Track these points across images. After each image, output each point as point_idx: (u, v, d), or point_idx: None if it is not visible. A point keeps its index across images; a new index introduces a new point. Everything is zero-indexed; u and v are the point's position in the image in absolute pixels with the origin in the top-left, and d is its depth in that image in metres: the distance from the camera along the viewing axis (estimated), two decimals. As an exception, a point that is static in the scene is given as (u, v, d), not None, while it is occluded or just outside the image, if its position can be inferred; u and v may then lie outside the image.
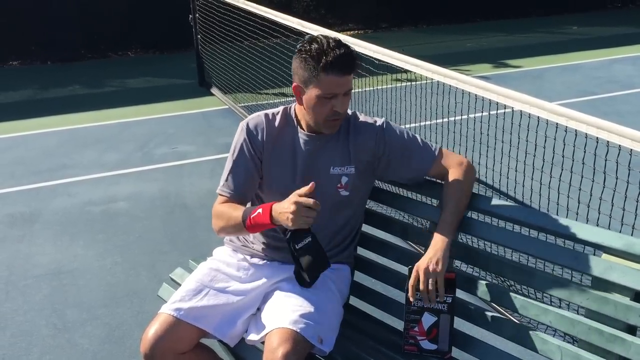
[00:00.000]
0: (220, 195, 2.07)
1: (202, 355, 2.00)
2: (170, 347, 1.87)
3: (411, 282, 1.86)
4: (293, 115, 2.09)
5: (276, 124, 2.08)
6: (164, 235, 3.98)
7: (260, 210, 1.86)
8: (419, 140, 2.08)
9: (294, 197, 1.78)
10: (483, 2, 13.07)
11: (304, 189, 1.78)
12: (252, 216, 1.87)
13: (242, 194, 2.05)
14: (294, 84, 1.98)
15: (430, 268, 1.83)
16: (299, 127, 2.07)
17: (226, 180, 2.06)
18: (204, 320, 1.92)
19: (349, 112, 2.11)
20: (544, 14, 13.46)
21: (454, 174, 2.02)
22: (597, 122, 2.40)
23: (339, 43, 1.90)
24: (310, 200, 1.75)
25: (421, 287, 1.83)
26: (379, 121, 2.08)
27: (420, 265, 1.85)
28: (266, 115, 2.09)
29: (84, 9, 10.16)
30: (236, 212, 1.95)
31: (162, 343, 1.85)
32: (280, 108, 2.12)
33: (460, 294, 2.03)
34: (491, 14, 13.05)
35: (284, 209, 1.78)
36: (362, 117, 2.11)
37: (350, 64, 1.90)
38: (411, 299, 1.88)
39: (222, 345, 2.04)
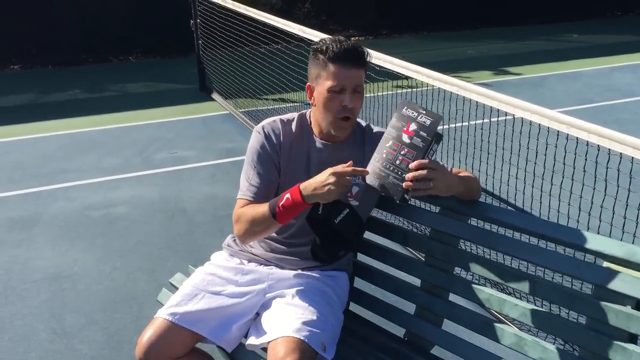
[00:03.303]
0: (242, 199, 2.03)
1: (197, 360, 1.99)
2: (165, 351, 1.87)
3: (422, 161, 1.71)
4: (308, 122, 2.09)
5: (292, 129, 2.08)
6: (164, 240, 3.98)
7: (287, 195, 1.84)
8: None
9: (329, 170, 1.77)
10: (484, 10, 13.11)
11: (340, 167, 1.77)
12: (281, 204, 1.85)
13: (265, 197, 2.01)
14: (307, 84, 2.03)
15: (435, 177, 1.71)
16: (314, 135, 2.07)
17: (248, 184, 2.03)
18: (199, 325, 1.92)
19: (363, 122, 2.12)
20: (544, 22, 13.49)
21: (466, 174, 2.06)
22: (599, 129, 2.41)
23: (347, 40, 1.97)
24: (349, 169, 1.75)
25: (421, 170, 1.70)
26: None
27: (439, 168, 1.76)
28: (281, 120, 2.09)
29: (85, 13, 10.18)
30: (260, 208, 1.93)
31: (156, 348, 1.85)
32: (295, 114, 2.12)
33: (460, 300, 2.03)
34: (492, 21, 13.08)
35: (320, 183, 1.77)
36: (376, 129, 2.12)
37: (357, 56, 1.94)
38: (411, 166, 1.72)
39: (221, 351, 2.03)
